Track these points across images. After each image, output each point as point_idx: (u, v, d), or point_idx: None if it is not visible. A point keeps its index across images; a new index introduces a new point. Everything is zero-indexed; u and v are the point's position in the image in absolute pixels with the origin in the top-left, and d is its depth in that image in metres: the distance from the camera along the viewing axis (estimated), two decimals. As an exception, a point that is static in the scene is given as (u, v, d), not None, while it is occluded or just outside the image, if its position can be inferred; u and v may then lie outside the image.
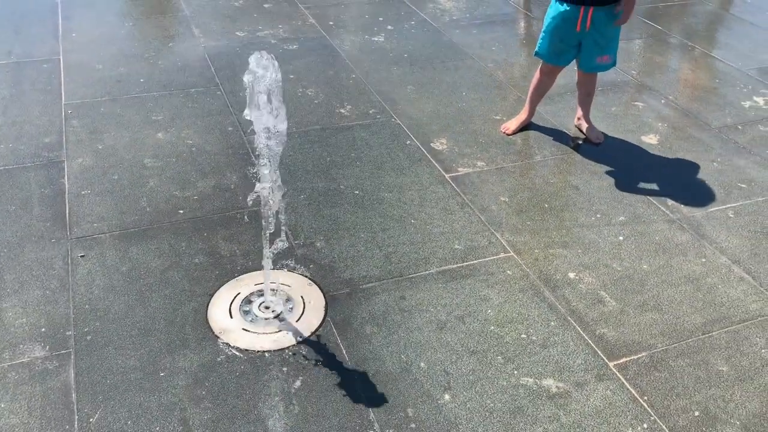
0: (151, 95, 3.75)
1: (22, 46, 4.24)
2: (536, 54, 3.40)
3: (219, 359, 2.21)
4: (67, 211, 2.82)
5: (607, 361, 2.28)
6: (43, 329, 2.28)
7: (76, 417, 1.99)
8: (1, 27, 4.48)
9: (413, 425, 2.03)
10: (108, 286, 2.47)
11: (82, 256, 2.59)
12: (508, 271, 2.64)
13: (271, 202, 2.21)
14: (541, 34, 3.32)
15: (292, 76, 4.04)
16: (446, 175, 3.19)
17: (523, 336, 2.35)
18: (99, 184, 3.00)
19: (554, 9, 3.22)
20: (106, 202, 2.89)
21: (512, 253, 2.72)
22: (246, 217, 2.85)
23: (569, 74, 3.61)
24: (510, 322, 2.41)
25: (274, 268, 2.56)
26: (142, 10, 4.97)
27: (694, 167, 3.38)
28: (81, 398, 2.05)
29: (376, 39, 4.62)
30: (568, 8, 3.15)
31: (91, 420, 1.99)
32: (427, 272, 2.61)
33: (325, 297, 2.48)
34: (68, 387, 2.08)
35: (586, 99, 3.54)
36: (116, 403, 2.04)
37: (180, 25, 4.68)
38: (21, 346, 2.21)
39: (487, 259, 2.69)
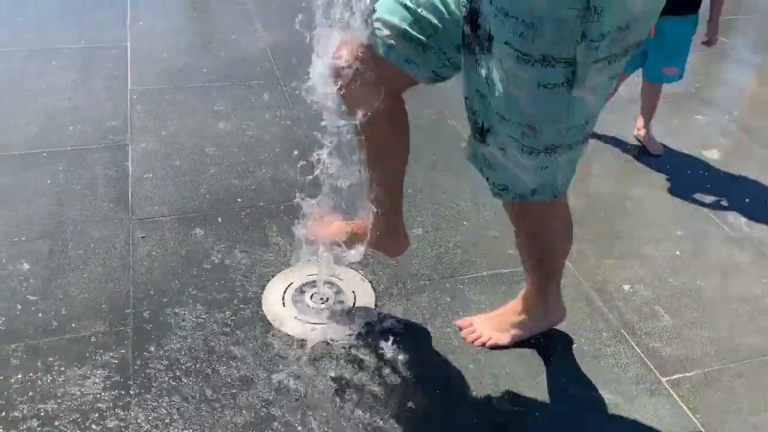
0: (213, 85, 3.84)
1: (91, 32, 4.38)
2: None
3: (271, 346, 2.25)
4: (129, 193, 2.91)
5: (659, 376, 2.24)
6: (104, 306, 2.36)
7: (132, 392, 2.06)
8: (73, 13, 4.64)
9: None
10: (167, 267, 2.53)
11: (142, 237, 2.67)
12: (562, 279, 2.61)
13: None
14: None
15: (350, 73, 4.07)
16: (501, 179, 3.17)
17: (574, 346, 2.33)
18: (161, 169, 3.09)
19: None
20: (168, 187, 2.97)
21: (566, 261, 2.69)
22: (301, 209, 2.89)
23: (632, 84, 3.55)
24: (563, 330, 2.38)
25: (327, 261, 2.59)
26: (206, 1, 5.08)
27: (758, 185, 3.28)
28: (137, 374, 2.11)
29: (434, 40, 4.61)
30: None
31: (147, 395, 2.05)
32: (479, 274, 2.61)
33: (375, 293, 2.50)
34: (126, 362, 2.15)
35: (648, 109, 3.48)
36: (170, 384, 2.09)
37: (243, 18, 4.77)
38: (82, 320, 2.29)
39: (540, 265, 2.67)
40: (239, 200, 2.93)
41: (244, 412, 2.02)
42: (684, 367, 2.28)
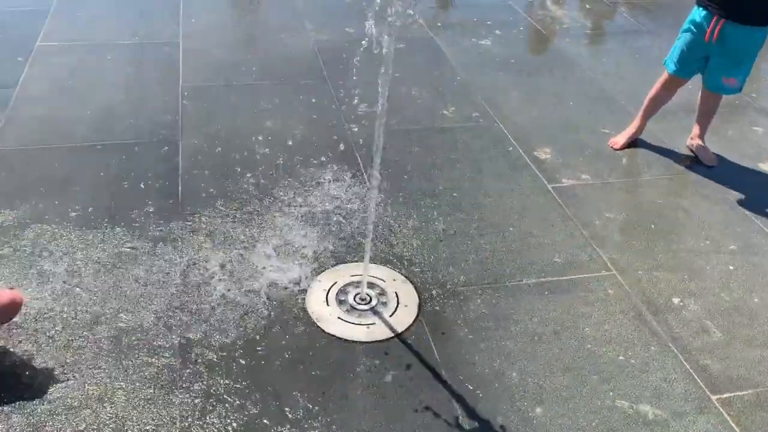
0: (262, 84, 3.88)
1: (145, 28, 4.48)
2: (664, 62, 3.30)
3: (314, 344, 2.26)
4: (179, 188, 2.96)
5: (709, 393, 2.18)
6: (154, 306, 2.40)
7: (180, 392, 2.09)
8: (129, 10, 4.75)
9: (502, 434, 2.01)
10: (217, 261, 2.57)
11: (192, 233, 2.71)
12: (609, 290, 2.56)
13: None
14: (675, 41, 3.23)
15: (397, 75, 4.07)
16: (549, 186, 3.14)
17: (621, 358, 2.28)
18: (210, 165, 3.13)
19: (692, 14, 3.12)
20: (217, 182, 3.01)
21: (614, 272, 2.65)
22: (346, 210, 2.90)
23: (684, 92, 3.46)
24: (608, 342, 2.34)
25: (371, 263, 2.60)
26: (257, 0, 5.14)
27: (817, 200, 3.17)
28: (186, 368, 2.14)
29: (483, 42, 4.59)
30: (704, 13, 3.03)
31: (194, 386, 2.08)
32: (524, 282, 2.58)
33: (418, 295, 2.49)
34: (175, 353, 2.18)
35: (704, 119, 3.39)
36: (219, 374, 2.12)
37: (293, 17, 4.81)
38: (138, 314, 2.34)
39: (587, 275, 2.62)
40: (285, 198, 2.95)
41: (287, 406, 2.03)
42: (736, 385, 2.21)
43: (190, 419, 1.98)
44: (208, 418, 1.99)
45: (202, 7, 4.85)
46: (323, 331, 2.32)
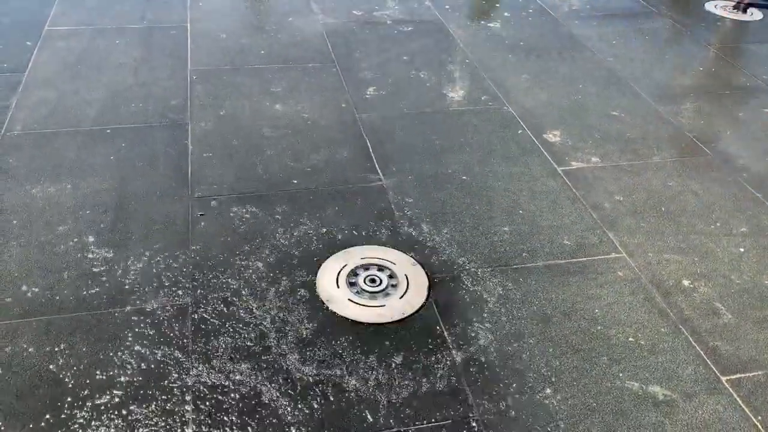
0: (270, 67, 3.87)
1: (153, 12, 4.47)
2: None
3: (325, 325, 2.27)
4: (189, 171, 2.97)
5: (719, 374, 2.18)
6: (164, 279, 2.42)
7: (192, 363, 2.11)
8: (136, -7, 4.74)
9: (512, 413, 2.02)
10: (225, 244, 2.58)
11: (201, 215, 2.72)
12: (619, 272, 2.56)
13: None
14: None
15: (405, 58, 4.06)
16: (558, 169, 3.13)
17: (630, 339, 2.29)
18: (219, 148, 3.14)
19: None
20: (226, 166, 3.02)
21: (624, 254, 2.65)
22: (355, 192, 2.90)
23: (693, 75, 3.43)
24: (618, 323, 2.34)
25: (380, 246, 2.61)
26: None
27: (829, 183, 3.15)
28: (197, 346, 2.16)
29: (491, 25, 4.56)
30: None
31: (204, 366, 2.10)
32: (534, 264, 2.58)
33: (428, 278, 2.50)
34: (186, 336, 2.20)
35: None
36: (229, 358, 2.14)
37: (300, 1, 4.79)
38: (144, 293, 2.36)
39: (597, 257, 2.62)
40: (294, 181, 2.96)
41: (297, 384, 2.05)
42: (746, 367, 2.21)
43: (202, 396, 2.01)
44: (222, 396, 2.01)
45: (209, -9, 4.83)
46: (334, 312, 2.33)
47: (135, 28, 4.24)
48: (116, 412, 1.96)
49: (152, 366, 2.10)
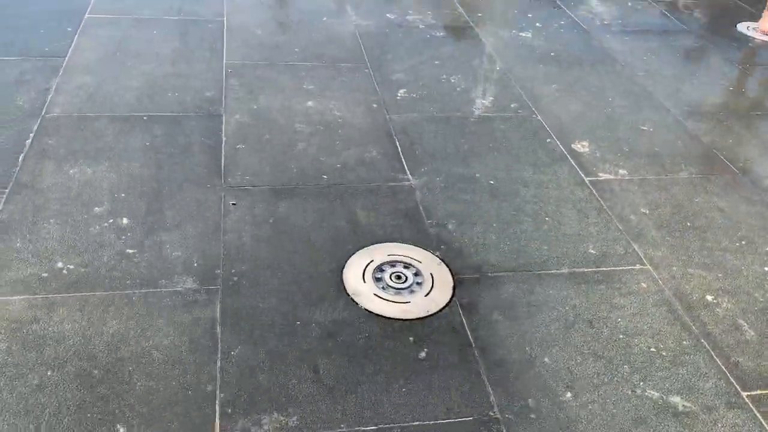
0: (304, 65, 3.93)
1: (191, 4, 4.55)
2: None
3: (351, 319, 2.31)
4: (223, 162, 3.03)
5: (739, 389, 2.19)
6: (196, 264, 2.47)
7: (220, 347, 2.16)
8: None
9: (533, 416, 2.05)
10: (255, 234, 2.63)
11: (233, 204, 2.78)
12: (643, 284, 2.58)
13: None
14: None
15: (437, 62, 4.11)
16: (586, 179, 3.15)
17: (652, 350, 2.30)
18: (253, 141, 3.20)
19: None
20: (258, 158, 3.08)
21: (648, 266, 2.66)
22: (383, 191, 2.95)
23: (723, 94, 3.45)
24: (640, 333, 2.36)
25: (407, 244, 2.65)
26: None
27: None
28: (224, 332, 2.21)
29: (523, 35, 4.59)
30: None
31: (232, 353, 2.14)
32: (558, 271, 2.61)
33: (453, 278, 2.53)
34: (214, 320, 2.25)
35: None
36: (255, 342, 2.19)
37: (334, 2, 4.85)
38: (176, 276, 2.41)
39: (621, 268, 2.64)
40: (325, 177, 3.01)
41: (323, 377, 2.09)
42: (767, 383, 2.22)
43: (222, 380, 2.05)
44: (240, 381, 2.06)
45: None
46: (359, 306, 2.37)
47: (173, 19, 4.32)
48: (143, 387, 2.01)
49: (181, 348, 2.15)
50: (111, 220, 2.63)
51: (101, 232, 2.57)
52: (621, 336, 2.34)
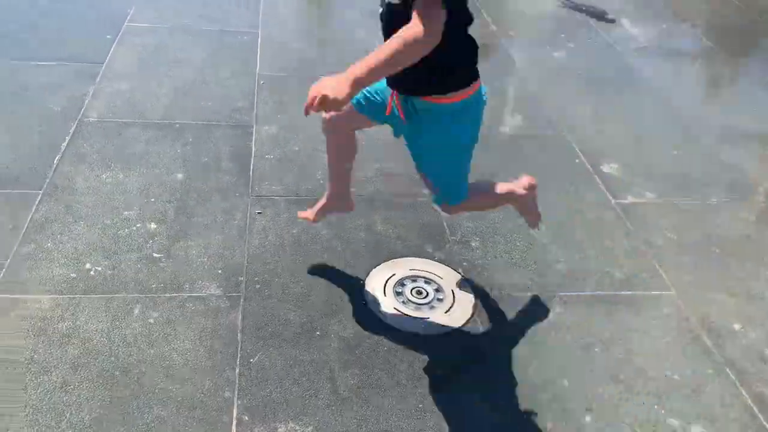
0: (335, 78, 3.97)
1: (227, 16, 4.64)
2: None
3: (370, 331, 2.32)
4: (251, 171, 3.07)
5: (764, 422, 2.14)
6: (219, 271, 2.51)
7: (239, 354, 2.18)
8: (212, -2, 4.94)
9: (549, 437, 2.03)
10: (279, 243, 2.66)
11: (259, 213, 2.81)
12: (666, 309, 2.54)
13: None
14: None
15: (467, 79, 4.12)
16: (613, 201, 3.13)
17: (675, 377, 2.26)
18: (281, 152, 3.24)
19: None
20: (286, 169, 3.11)
21: (673, 292, 2.62)
22: (408, 205, 2.96)
23: (757, 120, 3.39)
24: (663, 359, 2.32)
25: (429, 259, 2.65)
26: (332, 0, 5.26)
27: None
28: (245, 339, 2.24)
29: (555, 54, 4.59)
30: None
31: (251, 360, 2.16)
32: (581, 293, 2.58)
33: (474, 296, 2.52)
34: (235, 326, 2.28)
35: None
36: (274, 351, 2.21)
37: (367, 17, 4.90)
38: (199, 281, 2.45)
39: (646, 292, 2.61)
40: (351, 189, 3.02)
41: (340, 388, 2.10)
42: (793, 417, 2.17)
43: (241, 387, 2.07)
44: (258, 389, 2.08)
45: (283, 3, 5.00)
46: (379, 319, 2.38)
47: (209, 30, 4.41)
48: (162, 390, 2.03)
49: (201, 354, 2.17)
50: (140, 225, 2.68)
51: (130, 236, 2.62)
52: (642, 360, 2.31)
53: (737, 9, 5.69)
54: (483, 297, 2.52)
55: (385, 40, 1.74)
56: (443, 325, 2.39)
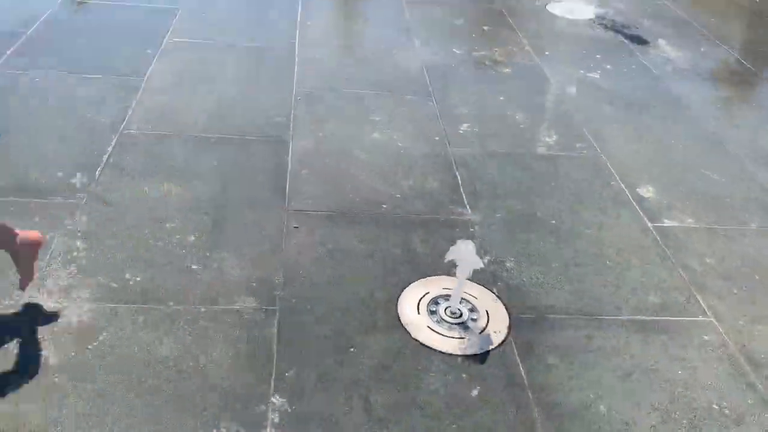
0: (371, 95, 4.01)
1: (265, 33, 4.72)
2: None
3: (404, 349, 2.31)
4: (287, 185, 3.11)
5: (808, 457, 2.09)
6: (254, 284, 2.53)
7: (274, 368, 2.19)
8: (249, 14, 5.01)
9: (585, 464, 2.00)
10: (314, 258, 2.68)
11: (295, 227, 2.84)
12: (705, 336, 2.50)
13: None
14: None
15: (501, 98, 4.12)
16: (650, 224, 3.09)
17: (714, 406, 2.22)
18: (317, 167, 3.27)
19: None
20: (321, 184, 3.14)
21: (712, 319, 2.58)
22: (442, 223, 2.96)
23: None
24: (702, 388, 2.28)
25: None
26: (371, 17, 5.31)
27: None
28: (280, 352, 2.25)
29: (591, 75, 4.57)
30: None
31: (286, 374, 2.17)
32: (618, 317, 2.55)
33: (509, 317, 2.51)
34: (271, 340, 2.29)
35: None
36: (309, 366, 2.21)
37: (402, 35, 4.95)
38: (236, 295, 2.47)
39: (684, 318, 2.57)
40: (384, 206, 3.04)
41: (374, 406, 2.10)
42: (838, 452, 2.11)
43: (275, 401, 2.08)
44: (293, 406, 2.08)
45: (320, 20, 5.07)
46: (413, 338, 2.37)
47: (247, 47, 4.49)
48: (198, 402, 2.05)
49: (236, 366, 2.19)
50: (179, 236, 2.72)
51: (168, 247, 2.66)
52: (680, 389, 2.27)
53: (777, 32, 5.62)
54: (518, 318, 2.50)
55: None
56: (479, 346, 2.37)
